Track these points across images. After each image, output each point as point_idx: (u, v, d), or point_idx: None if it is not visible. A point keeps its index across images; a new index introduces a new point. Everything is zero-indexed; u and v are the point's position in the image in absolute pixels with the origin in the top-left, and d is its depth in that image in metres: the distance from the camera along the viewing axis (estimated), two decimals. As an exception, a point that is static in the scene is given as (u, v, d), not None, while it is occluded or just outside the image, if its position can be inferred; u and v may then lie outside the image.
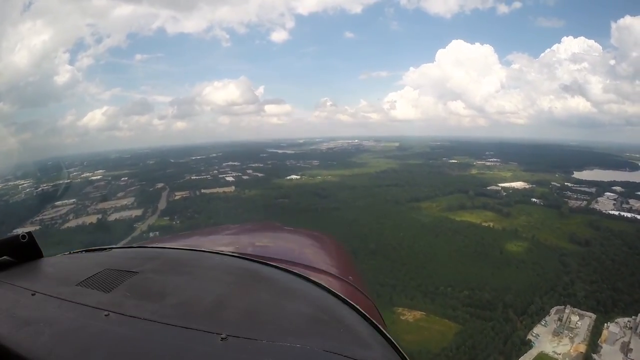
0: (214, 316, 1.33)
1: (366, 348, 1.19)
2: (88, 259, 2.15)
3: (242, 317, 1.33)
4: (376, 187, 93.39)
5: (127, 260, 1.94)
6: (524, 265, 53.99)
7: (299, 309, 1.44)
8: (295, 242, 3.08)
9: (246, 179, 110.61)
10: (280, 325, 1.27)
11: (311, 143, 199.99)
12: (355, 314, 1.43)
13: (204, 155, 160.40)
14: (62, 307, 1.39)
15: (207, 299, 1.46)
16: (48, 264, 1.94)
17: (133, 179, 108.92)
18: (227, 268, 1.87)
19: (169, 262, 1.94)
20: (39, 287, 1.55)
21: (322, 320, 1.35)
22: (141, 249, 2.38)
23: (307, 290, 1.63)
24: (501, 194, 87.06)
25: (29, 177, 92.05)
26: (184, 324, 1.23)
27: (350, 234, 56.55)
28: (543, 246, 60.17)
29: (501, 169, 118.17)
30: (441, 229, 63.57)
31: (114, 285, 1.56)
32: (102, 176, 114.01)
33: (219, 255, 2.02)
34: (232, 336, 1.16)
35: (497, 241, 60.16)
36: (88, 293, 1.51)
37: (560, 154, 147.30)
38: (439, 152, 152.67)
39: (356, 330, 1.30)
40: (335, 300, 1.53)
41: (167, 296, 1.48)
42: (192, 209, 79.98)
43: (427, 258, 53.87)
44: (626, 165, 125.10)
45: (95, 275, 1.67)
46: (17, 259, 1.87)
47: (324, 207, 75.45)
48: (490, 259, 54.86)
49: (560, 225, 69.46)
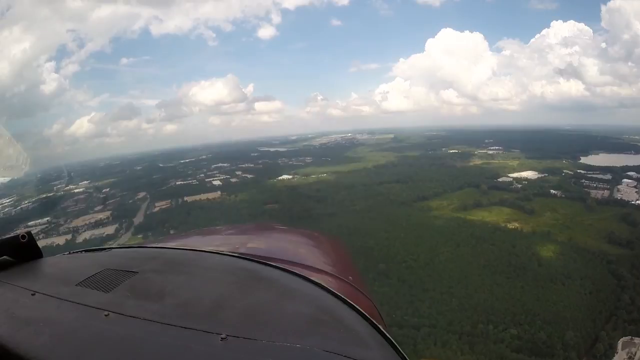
0: (214, 316, 1.29)
1: (366, 348, 1.16)
2: (88, 259, 2.09)
3: (242, 317, 1.29)
4: (376, 184, 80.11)
5: (127, 260, 1.88)
6: (570, 282, 41.61)
7: (298, 309, 1.39)
8: (295, 242, 2.86)
9: (234, 182, 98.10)
10: (280, 325, 1.23)
11: (304, 139, 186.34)
12: (355, 314, 1.39)
13: (193, 158, 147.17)
14: (62, 307, 1.36)
15: (207, 299, 1.43)
16: (48, 264, 1.88)
17: (115, 190, 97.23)
18: (227, 268, 1.79)
19: (169, 262, 1.85)
20: (39, 287, 1.51)
21: (322, 320, 1.31)
22: (141, 249, 2.29)
23: (307, 290, 1.55)
24: (516, 187, 76.00)
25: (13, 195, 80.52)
26: (183, 324, 1.20)
27: (351, 248, 42.43)
28: (583, 251, 47.99)
29: (505, 158, 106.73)
30: (461, 236, 50.66)
31: (114, 285, 1.51)
32: (85, 188, 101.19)
33: (219, 255, 1.91)
34: (232, 336, 1.13)
35: (531, 247, 47.74)
36: (88, 293, 1.47)
37: (560, 139, 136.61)
38: (436, 142, 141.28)
39: (356, 330, 1.26)
40: (335, 300, 1.47)
41: (167, 296, 1.44)
42: (170, 223, 67.54)
43: (453, 278, 41.11)
44: (630, 148, 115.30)
45: (95, 275, 1.61)
46: (17, 259, 1.82)
47: (319, 212, 62.00)
48: (529, 274, 42.33)
49: (592, 221, 58.24)
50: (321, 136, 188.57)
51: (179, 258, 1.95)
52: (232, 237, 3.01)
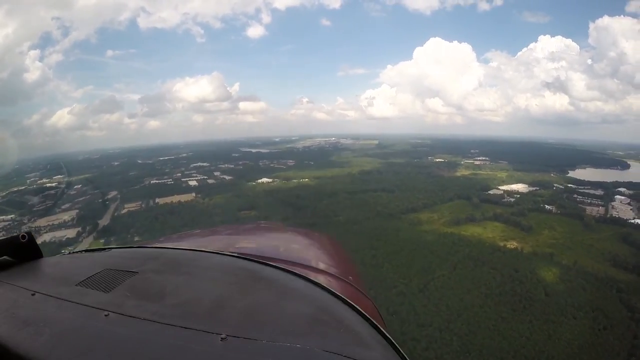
0: (214, 316, 1.28)
1: (366, 348, 1.14)
2: (88, 259, 2.05)
3: (242, 317, 1.28)
4: (361, 192, 73.22)
5: (127, 260, 1.85)
6: (582, 315, 35.38)
7: (298, 309, 1.37)
8: (295, 242, 2.85)
9: (211, 184, 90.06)
10: (280, 325, 1.22)
11: (287, 141, 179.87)
12: (355, 314, 1.38)
13: (173, 155, 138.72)
14: (62, 307, 1.35)
15: (207, 299, 1.41)
16: (48, 264, 1.86)
17: (87, 187, 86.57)
18: (227, 268, 1.77)
19: (169, 262, 1.83)
20: (39, 287, 1.49)
21: (322, 320, 1.29)
22: (141, 249, 2.23)
23: (307, 290, 1.54)
24: (508, 200, 70.68)
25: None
26: (183, 324, 1.19)
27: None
28: (589, 276, 42.03)
29: (493, 169, 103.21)
30: (457, 256, 43.92)
31: (114, 285, 1.50)
32: (58, 183, 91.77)
33: (219, 255, 1.90)
34: (232, 336, 1.12)
35: (535, 272, 41.43)
36: (88, 293, 1.45)
37: (545, 152, 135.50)
38: (422, 150, 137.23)
39: (356, 330, 1.24)
40: (335, 300, 1.46)
41: (167, 296, 1.43)
42: (135, 229, 59.10)
43: (452, 310, 34.17)
44: (616, 163, 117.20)
45: (95, 275, 1.60)
46: (17, 259, 1.80)
47: (299, 222, 54.38)
48: (536, 305, 35.92)
49: (592, 241, 52.71)
50: (305, 139, 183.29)
51: (179, 258, 1.91)
52: (232, 237, 2.97)
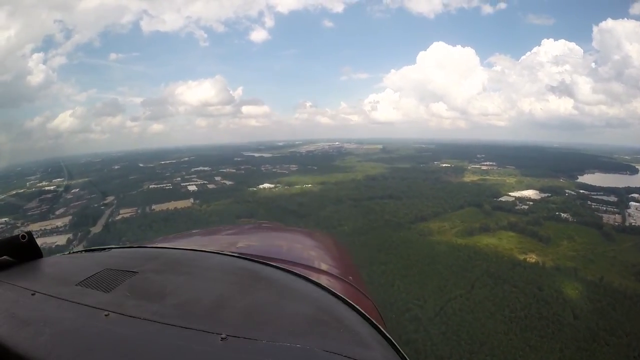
0: (214, 316, 1.27)
1: (366, 348, 1.13)
2: (88, 259, 2.03)
3: (242, 317, 1.27)
4: (367, 199, 69.18)
5: (127, 260, 1.83)
6: (615, 340, 31.15)
7: (299, 309, 1.36)
8: (295, 242, 2.82)
9: (211, 189, 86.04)
10: (280, 326, 1.20)
11: (291, 146, 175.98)
12: (355, 314, 1.37)
13: (174, 159, 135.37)
14: (62, 307, 1.33)
15: (207, 299, 1.40)
16: (48, 264, 1.84)
17: (85, 191, 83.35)
18: (227, 268, 1.75)
19: (169, 262, 1.81)
20: (39, 287, 1.48)
21: (322, 320, 1.28)
22: (141, 248, 2.21)
23: (307, 290, 1.53)
24: (521, 208, 66.44)
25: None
26: (184, 324, 1.18)
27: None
28: (618, 294, 37.74)
29: (501, 174, 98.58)
30: (475, 272, 39.62)
31: (114, 285, 1.49)
32: (57, 186, 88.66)
33: (219, 255, 1.89)
34: (232, 336, 1.10)
35: (559, 291, 37.16)
36: (88, 293, 1.44)
37: (551, 157, 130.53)
38: (427, 155, 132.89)
39: (356, 331, 1.23)
40: (336, 301, 1.45)
41: (167, 296, 1.41)
42: (127, 237, 55.47)
43: (474, 339, 29.90)
44: (625, 168, 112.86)
45: (95, 275, 1.58)
46: (17, 259, 1.77)
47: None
48: (566, 329, 31.70)
49: (614, 253, 48.47)
50: (308, 143, 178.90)
51: (179, 258, 1.89)
52: (232, 237, 2.95)
